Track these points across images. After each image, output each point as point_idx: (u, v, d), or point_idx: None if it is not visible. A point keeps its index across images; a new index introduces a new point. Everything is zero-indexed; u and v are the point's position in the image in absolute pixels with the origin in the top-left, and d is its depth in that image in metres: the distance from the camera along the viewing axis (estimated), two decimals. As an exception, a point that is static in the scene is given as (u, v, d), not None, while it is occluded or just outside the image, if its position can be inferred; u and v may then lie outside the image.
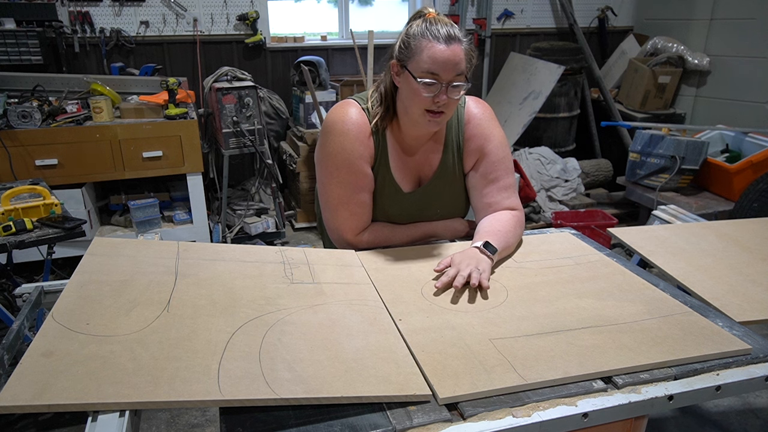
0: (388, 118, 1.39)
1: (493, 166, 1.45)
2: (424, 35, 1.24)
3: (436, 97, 1.26)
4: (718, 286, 1.28)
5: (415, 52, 1.25)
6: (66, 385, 0.80)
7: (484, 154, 1.45)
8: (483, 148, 1.45)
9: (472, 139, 1.45)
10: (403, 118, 1.37)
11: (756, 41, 3.98)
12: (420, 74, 1.25)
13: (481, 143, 1.45)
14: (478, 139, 1.45)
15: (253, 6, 3.98)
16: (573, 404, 0.88)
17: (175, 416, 2.15)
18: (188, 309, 1.03)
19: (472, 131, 1.45)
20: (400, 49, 1.29)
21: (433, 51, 1.23)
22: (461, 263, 1.23)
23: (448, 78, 1.24)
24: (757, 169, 3.22)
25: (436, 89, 1.25)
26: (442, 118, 1.31)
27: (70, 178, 3.06)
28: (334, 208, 1.42)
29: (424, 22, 1.26)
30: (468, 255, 1.27)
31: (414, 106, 1.30)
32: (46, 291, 1.31)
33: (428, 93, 1.25)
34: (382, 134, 1.40)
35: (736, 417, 2.17)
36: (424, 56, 1.23)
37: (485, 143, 1.45)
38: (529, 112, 3.95)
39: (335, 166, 1.38)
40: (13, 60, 3.34)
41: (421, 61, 1.24)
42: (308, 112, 3.74)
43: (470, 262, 1.23)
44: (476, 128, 1.45)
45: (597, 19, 4.83)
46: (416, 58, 1.25)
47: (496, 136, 1.46)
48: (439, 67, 1.23)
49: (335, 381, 0.87)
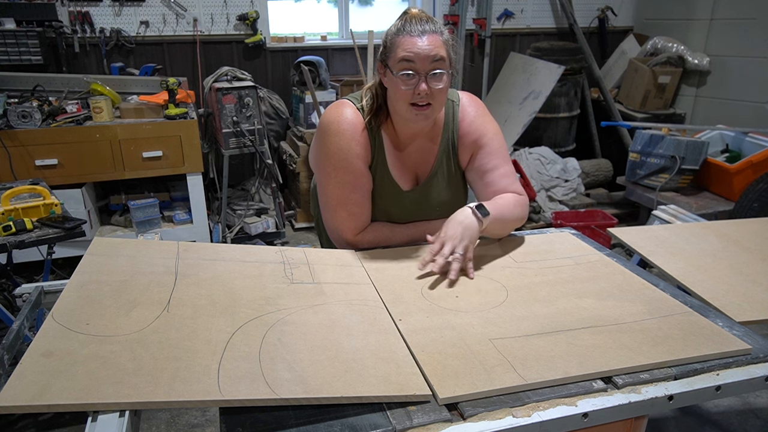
0: (381, 117, 1.41)
1: (490, 157, 1.46)
2: (399, 32, 1.28)
3: (416, 88, 1.28)
4: (718, 286, 1.28)
5: (391, 49, 1.30)
6: (66, 385, 0.80)
7: (480, 146, 1.47)
8: (478, 141, 1.47)
9: (467, 135, 1.47)
10: (395, 117, 1.40)
11: (756, 41, 3.98)
12: (397, 66, 1.28)
13: (476, 137, 1.47)
14: (472, 135, 1.47)
15: (253, 6, 3.98)
16: (573, 404, 0.88)
17: (175, 416, 2.15)
18: (188, 309, 1.03)
19: (467, 128, 1.47)
20: (382, 49, 1.34)
21: (405, 43, 1.26)
22: (445, 236, 1.26)
23: (425, 67, 1.27)
24: (757, 169, 3.22)
25: (415, 80, 1.27)
26: (429, 111, 1.32)
27: (70, 178, 3.06)
28: (333, 209, 1.42)
29: (401, 21, 1.30)
30: (456, 221, 1.29)
31: (399, 102, 1.32)
32: (46, 291, 1.31)
33: (407, 86, 1.28)
34: (377, 133, 1.41)
35: (736, 417, 2.17)
36: (399, 50, 1.27)
37: (480, 137, 1.46)
38: (529, 112, 3.95)
39: (333, 167, 1.38)
40: (13, 60, 3.34)
41: (396, 55, 1.28)
42: (308, 112, 3.74)
43: (454, 233, 1.26)
44: (470, 125, 1.47)
45: (597, 19, 4.83)
46: (393, 55, 1.29)
47: (490, 129, 1.48)
48: (413, 57, 1.26)
49: (335, 381, 0.87)
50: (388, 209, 1.47)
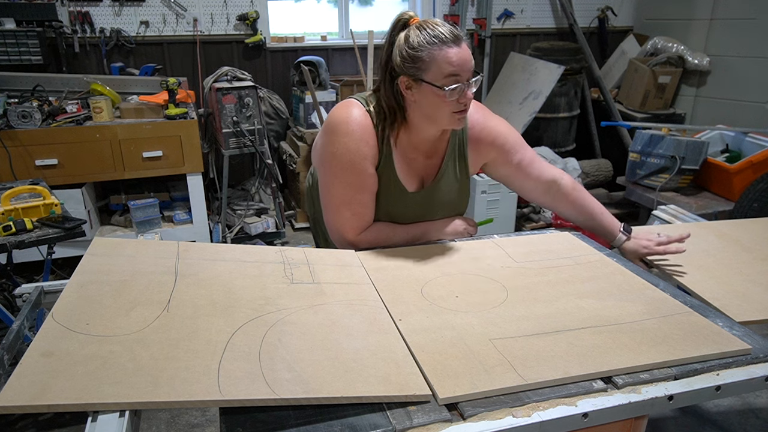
0: (397, 125, 1.39)
1: (515, 153, 1.50)
2: (432, 43, 1.24)
3: (461, 97, 1.28)
4: (718, 286, 1.28)
5: (429, 62, 1.25)
6: (66, 385, 0.80)
7: (500, 148, 1.49)
8: (495, 144, 1.48)
9: (480, 141, 1.48)
10: (423, 125, 1.37)
11: (756, 41, 3.97)
12: (443, 81, 1.25)
13: (491, 140, 1.48)
14: (487, 139, 1.48)
15: (253, 6, 3.98)
16: (573, 404, 0.88)
17: (175, 416, 2.15)
18: (188, 309, 1.03)
19: (478, 134, 1.48)
20: (406, 63, 1.28)
21: (449, 55, 1.24)
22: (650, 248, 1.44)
23: (468, 76, 1.27)
24: (757, 169, 3.22)
25: (461, 90, 1.27)
26: (467, 113, 1.34)
27: (70, 178, 3.07)
28: (336, 208, 1.42)
29: (422, 30, 1.25)
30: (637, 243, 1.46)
31: (441, 113, 1.30)
32: (46, 291, 1.31)
33: (454, 97, 1.27)
34: (391, 134, 1.40)
35: (736, 417, 2.17)
36: (442, 63, 1.24)
37: (495, 139, 1.48)
38: (529, 112, 3.95)
39: (340, 167, 1.38)
40: (13, 60, 3.34)
41: (440, 69, 1.24)
42: (308, 112, 3.75)
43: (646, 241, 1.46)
44: (482, 131, 1.48)
45: (597, 19, 4.83)
46: (434, 68, 1.25)
47: (502, 128, 1.50)
48: (459, 69, 1.25)
49: (335, 381, 0.87)
50: (391, 210, 1.47)
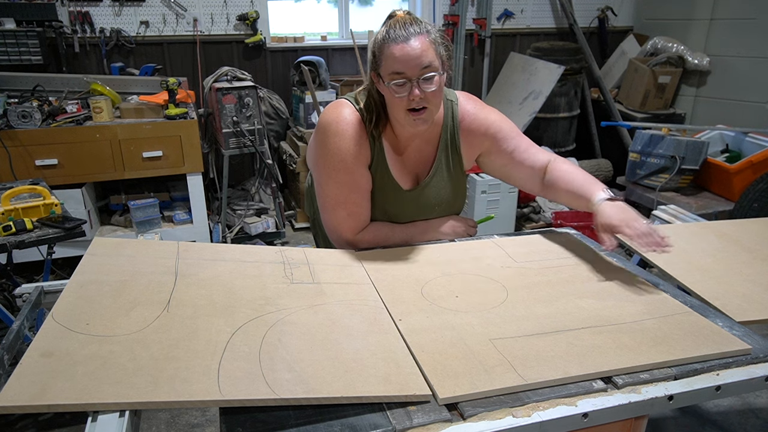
0: (381, 123, 1.41)
1: (508, 140, 1.48)
2: (385, 40, 1.27)
3: (410, 94, 1.27)
4: (718, 286, 1.28)
5: (380, 58, 1.28)
6: (66, 385, 0.80)
7: (493, 137, 1.48)
8: (488, 133, 1.48)
9: (472, 132, 1.48)
10: (395, 122, 1.40)
11: (756, 41, 3.97)
12: (388, 77, 1.27)
13: (484, 131, 1.47)
14: (479, 130, 1.47)
15: (253, 6, 3.98)
16: (573, 404, 0.88)
17: (175, 416, 2.15)
18: (188, 309, 1.03)
19: (469, 125, 1.47)
20: (372, 59, 1.32)
21: (391, 51, 1.25)
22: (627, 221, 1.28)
23: (415, 73, 1.25)
24: (757, 169, 3.22)
25: (407, 88, 1.27)
26: (426, 114, 1.32)
27: (70, 178, 3.06)
28: (332, 209, 1.42)
29: (386, 27, 1.28)
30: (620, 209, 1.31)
31: (395, 110, 1.32)
32: (46, 291, 1.31)
33: (400, 93, 1.27)
34: (376, 134, 1.41)
35: (736, 417, 2.17)
36: (388, 60, 1.26)
37: (488, 129, 1.47)
38: (529, 112, 3.95)
39: (333, 167, 1.38)
40: (13, 60, 3.34)
41: (386, 65, 1.27)
42: (308, 112, 3.74)
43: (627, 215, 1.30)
44: (473, 122, 1.47)
45: (597, 19, 4.83)
46: (383, 64, 1.28)
47: (493, 117, 1.49)
48: (401, 66, 1.25)
49: (335, 381, 0.87)
50: (388, 209, 1.47)
